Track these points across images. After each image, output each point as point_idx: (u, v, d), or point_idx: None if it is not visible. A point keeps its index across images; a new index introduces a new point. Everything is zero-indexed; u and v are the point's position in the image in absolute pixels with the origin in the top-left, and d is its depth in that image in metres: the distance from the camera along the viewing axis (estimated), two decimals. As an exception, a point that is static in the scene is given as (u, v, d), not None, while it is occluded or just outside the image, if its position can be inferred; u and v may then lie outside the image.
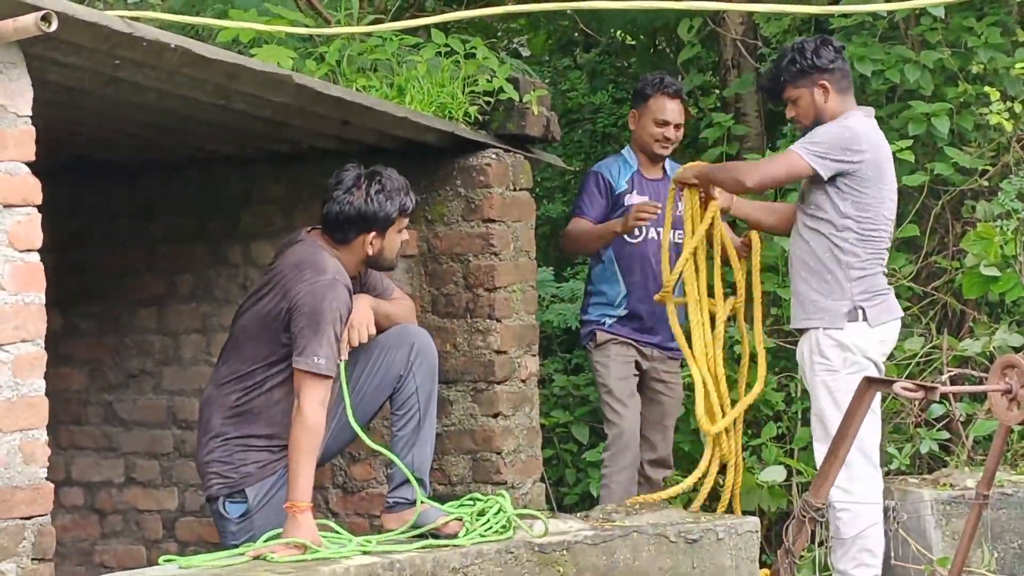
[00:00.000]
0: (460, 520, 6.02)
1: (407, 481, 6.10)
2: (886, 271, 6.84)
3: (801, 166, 6.60)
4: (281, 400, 6.04)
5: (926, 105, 8.16)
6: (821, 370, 6.62)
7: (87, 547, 7.67)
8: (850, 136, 6.62)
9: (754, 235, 7.17)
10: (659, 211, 7.29)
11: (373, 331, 6.19)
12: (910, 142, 7.99)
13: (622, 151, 7.81)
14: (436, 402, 6.32)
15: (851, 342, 6.57)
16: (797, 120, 6.92)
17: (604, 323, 7.60)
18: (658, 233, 7.48)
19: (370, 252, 6.15)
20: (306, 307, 5.92)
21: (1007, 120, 7.87)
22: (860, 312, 6.60)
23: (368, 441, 6.12)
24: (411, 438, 6.19)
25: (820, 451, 6.52)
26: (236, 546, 5.91)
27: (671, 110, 7.64)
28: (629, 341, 7.59)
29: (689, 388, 7.85)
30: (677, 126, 7.67)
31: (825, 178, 6.56)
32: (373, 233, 6.11)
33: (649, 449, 7.64)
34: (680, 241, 7.37)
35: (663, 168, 7.72)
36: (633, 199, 7.55)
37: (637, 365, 7.64)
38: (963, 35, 8.25)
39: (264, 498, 6.07)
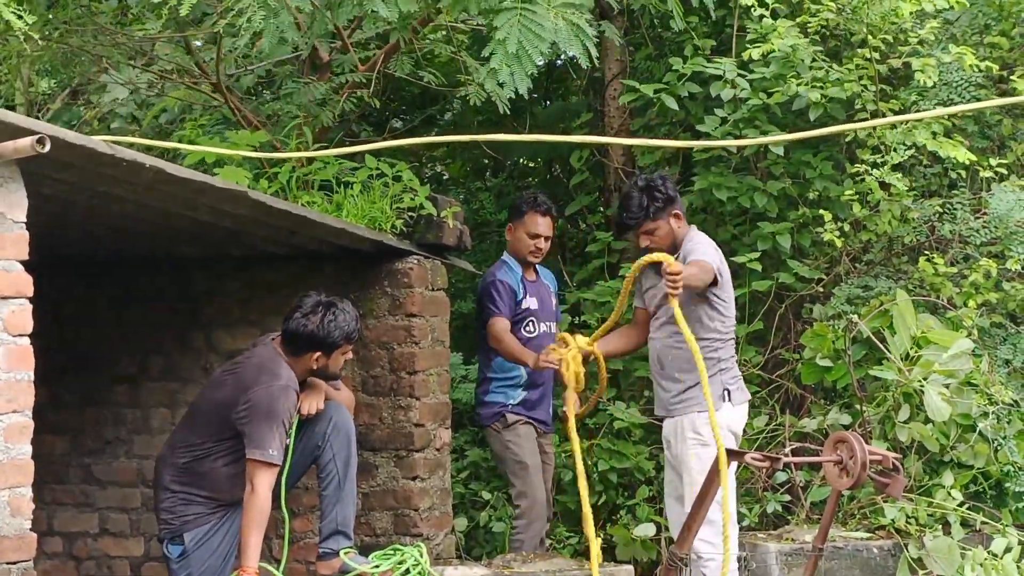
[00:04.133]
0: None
1: (334, 533, 6.15)
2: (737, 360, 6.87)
3: (713, 270, 6.53)
4: (222, 468, 6.08)
5: (772, 225, 8.23)
6: (694, 444, 6.57)
7: (64, 588, 7.53)
8: (720, 256, 6.67)
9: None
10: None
11: (322, 406, 6.18)
12: (758, 254, 8.06)
13: (505, 259, 7.52)
14: (355, 466, 6.28)
15: (720, 419, 6.54)
16: (654, 249, 6.71)
17: (508, 405, 7.37)
18: (548, 327, 7.43)
19: (314, 367, 6.13)
20: (262, 406, 5.93)
21: (838, 238, 7.96)
22: (727, 394, 6.61)
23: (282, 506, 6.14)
24: (334, 496, 6.20)
25: None
26: None
27: (542, 224, 7.44)
28: (529, 420, 7.39)
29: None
30: (546, 238, 7.48)
31: (717, 278, 6.55)
32: (319, 353, 6.08)
33: None
34: (554, 332, 7.39)
35: (535, 270, 7.57)
36: (528, 301, 7.40)
37: None
38: (802, 168, 8.34)
39: (198, 542, 6.10)
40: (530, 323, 7.42)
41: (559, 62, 9.94)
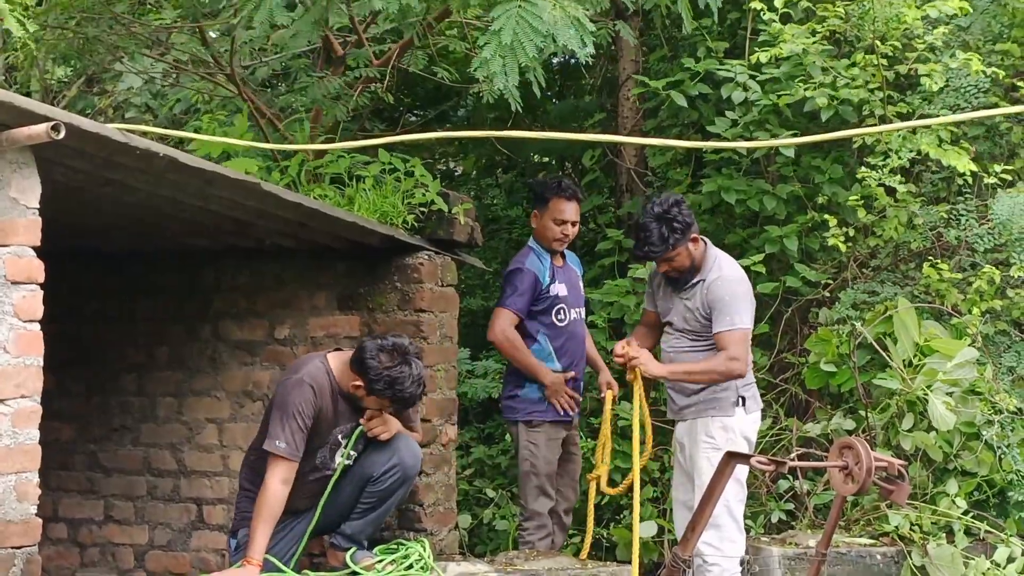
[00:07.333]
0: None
1: (347, 536, 6.19)
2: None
3: (747, 334, 6.47)
4: None
5: (779, 229, 8.20)
6: (707, 448, 6.51)
7: (68, 575, 7.49)
8: (747, 288, 6.55)
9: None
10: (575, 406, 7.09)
11: (391, 434, 6.14)
12: (762, 256, 8.04)
13: (531, 245, 7.19)
14: (397, 502, 6.29)
15: (734, 424, 6.52)
16: (672, 273, 6.58)
17: (536, 402, 7.05)
18: (578, 313, 7.20)
19: (351, 391, 6.03)
20: (276, 399, 5.98)
21: (843, 243, 7.92)
22: (742, 400, 6.56)
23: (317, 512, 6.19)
24: (364, 514, 6.20)
25: None
26: None
27: (568, 210, 7.15)
28: (556, 419, 7.08)
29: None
30: (573, 223, 7.21)
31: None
32: (362, 384, 5.98)
33: (564, 500, 7.22)
34: (583, 317, 7.27)
35: (563, 255, 7.30)
36: (556, 288, 7.10)
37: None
38: (811, 172, 8.31)
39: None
40: (560, 311, 7.12)
41: (572, 60, 9.91)
